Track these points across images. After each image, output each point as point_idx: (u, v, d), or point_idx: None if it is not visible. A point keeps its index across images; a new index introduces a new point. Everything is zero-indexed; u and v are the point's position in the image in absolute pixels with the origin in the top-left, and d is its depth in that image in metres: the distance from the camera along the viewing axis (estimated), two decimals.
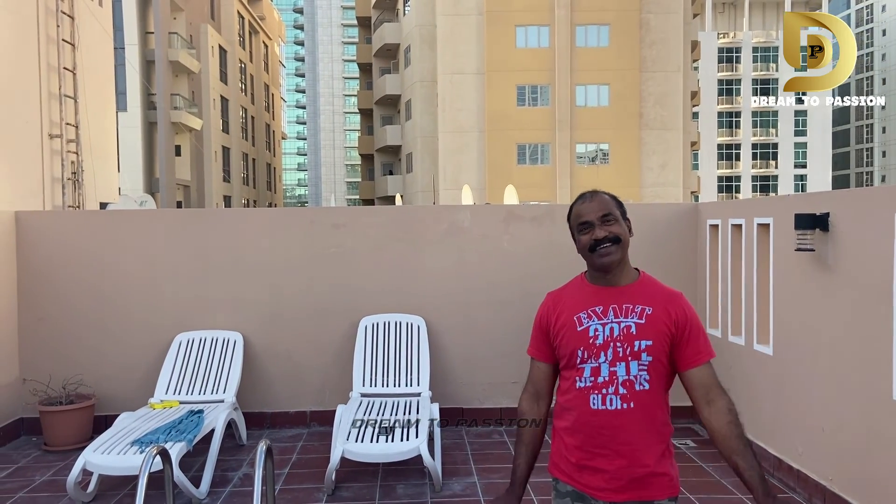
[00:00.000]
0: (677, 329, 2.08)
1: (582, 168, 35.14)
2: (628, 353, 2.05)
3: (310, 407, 5.87)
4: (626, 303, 2.10)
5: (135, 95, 32.49)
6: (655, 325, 2.06)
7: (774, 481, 4.48)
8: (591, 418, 2.07)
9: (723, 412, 2.04)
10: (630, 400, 2.04)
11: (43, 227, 5.79)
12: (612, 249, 2.08)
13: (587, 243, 2.10)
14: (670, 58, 34.71)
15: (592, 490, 2.09)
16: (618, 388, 2.05)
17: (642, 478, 2.05)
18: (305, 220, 5.95)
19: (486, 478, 4.68)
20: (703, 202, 5.91)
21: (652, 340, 2.05)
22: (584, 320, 2.11)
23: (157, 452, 3.14)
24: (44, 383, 5.54)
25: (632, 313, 2.08)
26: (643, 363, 2.05)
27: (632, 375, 2.05)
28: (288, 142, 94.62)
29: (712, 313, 5.55)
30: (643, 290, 2.13)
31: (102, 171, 13.78)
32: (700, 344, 2.09)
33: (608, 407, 2.05)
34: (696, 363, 2.08)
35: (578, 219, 2.13)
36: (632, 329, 2.06)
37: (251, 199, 48.20)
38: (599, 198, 2.14)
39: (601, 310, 2.10)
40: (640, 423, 2.05)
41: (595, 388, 2.06)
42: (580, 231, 2.13)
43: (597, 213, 2.10)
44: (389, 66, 42.97)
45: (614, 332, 2.06)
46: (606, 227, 2.08)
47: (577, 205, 2.16)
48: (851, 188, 4.13)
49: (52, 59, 11.54)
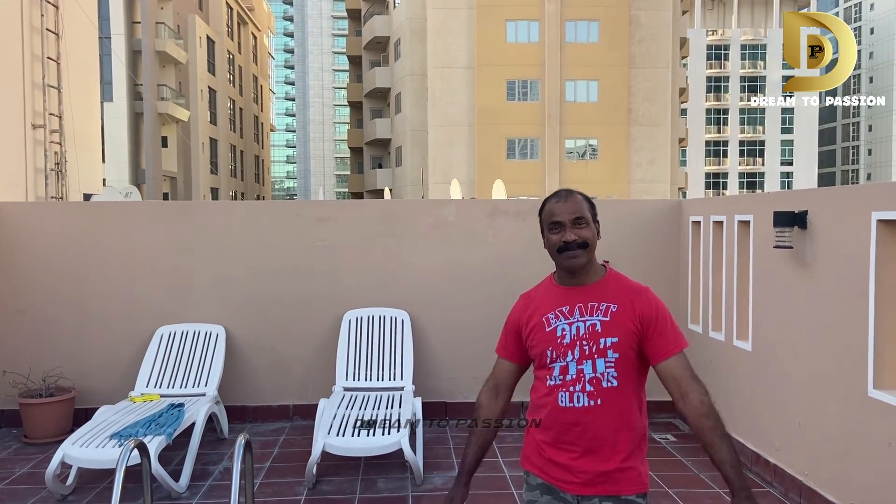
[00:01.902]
0: (643, 324, 2.09)
1: (571, 163, 35.24)
2: (594, 350, 2.08)
3: (293, 401, 5.87)
4: (591, 301, 2.13)
5: (121, 86, 32.17)
6: (621, 321, 2.09)
7: (752, 475, 4.52)
8: (559, 415, 2.11)
9: (695, 405, 2.04)
10: (597, 397, 2.07)
11: (24, 219, 5.74)
12: (578, 253, 2.10)
13: (556, 244, 2.12)
14: (659, 54, 34.83)
15: (561, 483, 2.13)
16: (584, 386, 2.08)
17: (609, 472, 2.09)
18: (290, 214, 5.93)
19: None
20: (687, 199, 5.94)
21: (618, 337, 2.07)
22: (552, 321, 2.14)
23: (135, 446, 3.14)
24: (24, 375, 5.50)
25: (597, 311, 2.11)
26: (610, 360, 2.08)
27: (598, 373, 2.08)
28: (277, 134, 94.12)
29: (694, 309, 5.59)
30: (609, 287, 2.15)
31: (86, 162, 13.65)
32: (668, 336, 2.10)
33: (575, 404, 2.09)
34: (665, 356, 2.09)
35: (550, 217, 2.14)
36: (597, 327, 2.09)
37: (239, 192, 47.95)
38: (573, 199, 2.15)
39: (567, 309, 2.13)
40: (609, 419, 2.08)
41: (563, 385, 2.10)
42: (550, 230, 2.14)
43: (569, 215, 2.11)
44: (379, 59, 42.84)
45: (580, 330, 2.10)
46: (577, 231, 2.10)
47: (551, 203, 2.16)
48: (830, 186, 4.16)
49: (35, 49, 11.41)
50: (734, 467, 1.98)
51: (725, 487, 4.29)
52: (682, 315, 5.73)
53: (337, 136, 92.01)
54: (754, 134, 61.25)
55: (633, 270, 2.51)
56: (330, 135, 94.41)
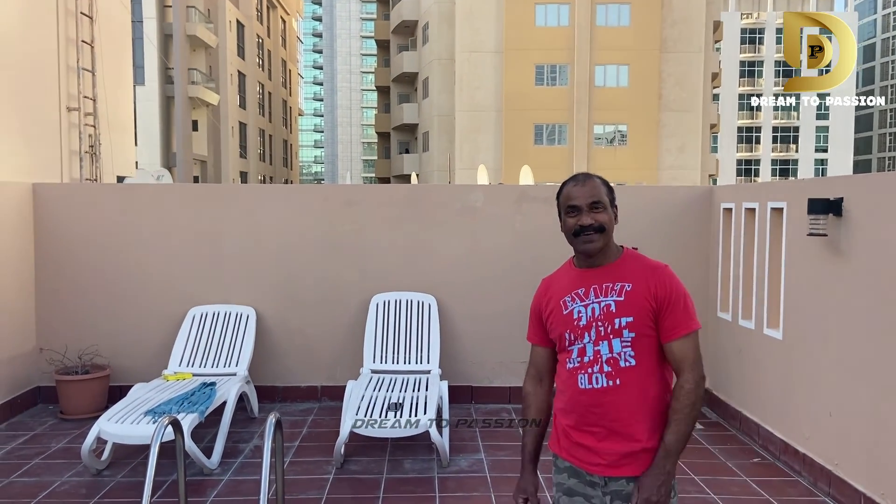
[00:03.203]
0: (657, 302, 2.09)
1: (599, 149, 34.89)
2: (609, 331, 2.09)
3: (321, 382, 5.95)
4: (606, 282, 2.13)
5: (153, 69, 32.54)
6: (635, 300, 2.08)
7: (781, 465, 4.49)
8: (580, 397, 2.13)
9: (676, 388, 2.09)
10: (616, 377, 2.08)
11: (60, 200, 5.86)
12: (594, 237, 2.10)
13: (572, 227, 2.13)
14: (692, 38, 34.21)
15: (587, 465, 2.14)
16: (602, 367, 2.09)
17: (635, 453, 2.08)
18: (319, 197, 5.98)
19: (492, 455, 4.73)
20: (718, 185, 5.87)
21: (633, 316, 2.07)
22: (568, 304, 2.16)
23: (169, 422, 3.21)
24: (60, 353, 5.64)
25: (611, 292, 2.11)
26: (626, 340, 2.08)
27: (615, 353, 2.08)
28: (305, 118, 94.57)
29: (724, 297, 5.54)
30: (624, 267, 2.15)
31: (119, 144, 13.87)
32: (678, 317, 2.09)
33: (594, 385, 2.10)
34: (673, 336, 2.09)
35: (568, 201, 2.14)
36: (611, 307, 2.09)
37: (267, 176, 48.34)
38: (591, 183, 2.15)
39: (583, 291, 2.15)
40: (629, 399, 2.08)
41: (582, 367, 2.12)
42: (567, 213, 2.15)
43: (587, 199, 2.12)
44: (407, 44, 42.70)
45: (595, 311, 2.11)
46: (594, 215, 2.10)
47: (569, 186, 2.17)
48: (867, 173, 4.08)
49: (70, 32, 11.59)
50: (666, 449, 2.04)
51: (753, 476, 4.29)
52: (712, 303, 5.67)
53: (364, 120, 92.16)
54: (788, 120, 60.02)
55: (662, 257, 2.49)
56: (357, 119, 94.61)
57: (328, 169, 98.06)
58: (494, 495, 4.10)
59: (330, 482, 4.28)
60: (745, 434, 5.06)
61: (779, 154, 60.42)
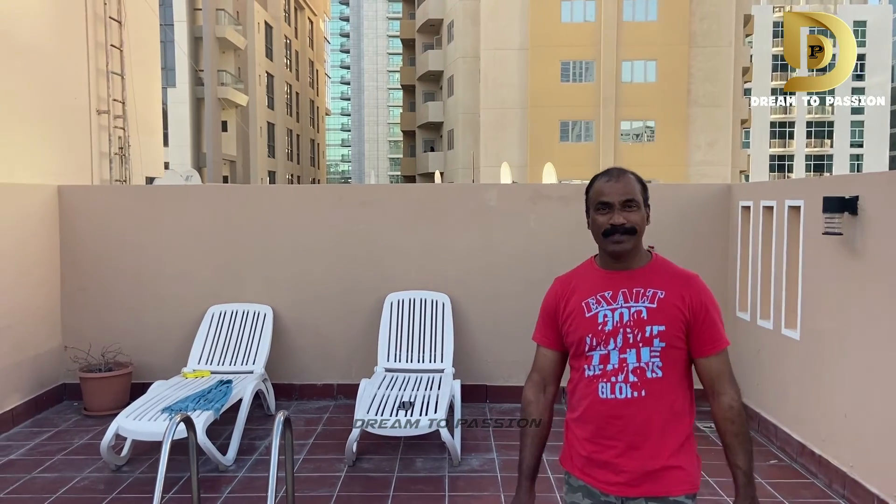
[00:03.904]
0: (692, 314, 1.96)
1: (626, 145, 34.55)
2: (639, 339, 1.94)
3: (337, 380, 6.00)
4: (636, 287, 1.99)
5: (183, 72, 33.08)
6: (668, 309, 1.95)
7: (797, 467, 4.43)
8: (600, 408, 1.97)
9: (724, 408, 1.99)
10: (641, 388, 1.94)
11: (84, 201, 6.00)
12: (625, 239, 1.96)
13: (602, 226, 1.97)
14: (721, 32, 33.67)
15: (604, 485, 1.99)
16: (627, 376, 1.95)
17: (656, 471, 1.95)
18: (334, 198, 6.03)
19: (504, 454, 4.74)
20: (736, 183, 5.79)
21: (665, 325, 1.94)
22: (592, 306, 2.00)
23: (181, 420, 3.29)
24: (84, 351, 5.78)
25: (643, 297, 1.97)
26: (655, 349, 1.94)
27: (643, 362, 1.94)
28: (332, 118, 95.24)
29: (742, 296, 5.46)
30: (656, 273, 2.02)
31: (148, 146, 14.12)
32: (714, 332, 1.99)
33: (617, 395, 1.95)
34: (708, 352, 1.98)
35: (599, 197, 1.98)
36: (643, 314, 1.95)
37: (295, 175, 48.82)
38: (625, 179, 1.98)
39: (610, 294, 1.99)
40: (653, 412, 1.95)
41: (604, 376, 1.97)
42: (597, 210, 1.99)
43: (619, 196, 1.95)
44: (433, 42, 42.75)
45: (624, 317, 1.96)
46: (626, 214, 1.95)
47: (601, 181, 1.99)
48: (882, 171, 4.00)
49: (99, 37, 11.83)
50: (747, 475, 1.96)
51: (768, 478, 4.22)
52: (731, 302, 5.60)
53: (391, 119, 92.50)
54: (823, 115, 58.79)
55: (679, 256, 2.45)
56: (384, 118, 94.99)
57: (355, 168, 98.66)
58: (504, 495, 4.11)
59: (341, 480, 4.32)
60: (763, 436, 4.99)
61: (813, 149, 59.20)
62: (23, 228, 5.51)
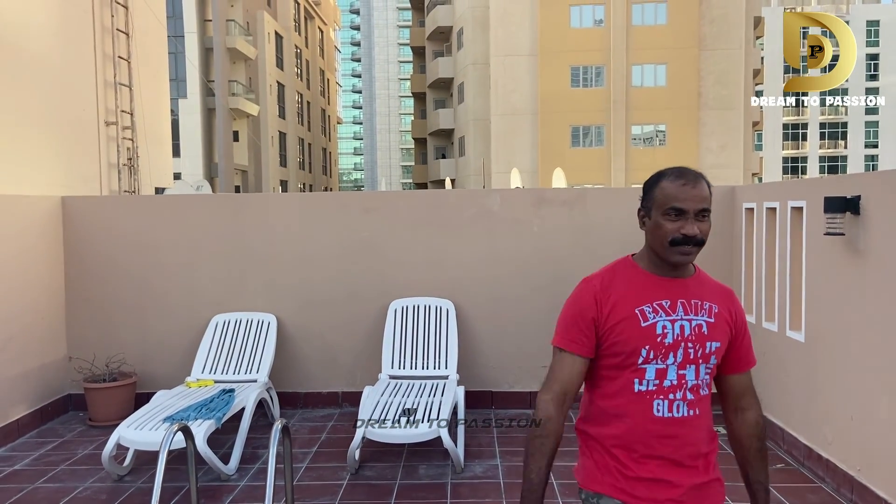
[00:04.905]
0: (736, 330, 1.91)
1: (637, 150, 34.43)
2: (699, 354, 1.83)
3: (341, 388, 5.99)
4: (693, 298, 1.87)
5: (195, 82, 33.38)
6: (721, 325, 1.88)
7: (804, 471, 4.35)
8: (650, 426, 1.83)
9: (751, 424, 1.96)
10: (695, 406, 1.85)
11: (88, 212, 6.04)
12: (694, 251, 1.82)
13: (671, 234, 1.80)
14: (731, 34, 33.54)
15: (650, 502, 1.86)
16: (686, 394, 1.83)
17: (703, 485, 1.88)
18: (338, 205, 6.03)
19: (508, 461, 4.69)
20: (740, 185, 5.73)
21: (720, 342, 1.86)
22: (648, 314, 1.83)
23: (179, 429, 3.28)
24: (89, 361, 5.80)
25: (701, 310, 1.86)
26: (709, 367, 1.86)
27: (699, 379, 1.85)
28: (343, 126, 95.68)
29: (747, 299, 5.40)
30: (704, 284, 1.92)
31: (157, 156, 14.23)
32: (750, 350, 1.96)
33: (675, 414, 1.83)
34: (741, 369, 1.95)
35: (672, 201, 1.80)
36: (703, 328, 1.84)
37: (307, 184, 49.03)
38: (702, 186, 1.81)
39: (668, 304, 1.84)
40: (702, 431, 1.88)
41: (660, 392, 1.83)
42: (667, 215, 1.81)
43: (696, 204, 1.79)
44: (443, 49, 42.89)
45: (685, 330, 1.83)
46: (700, 225, 1.79)
47: (675, 184, 1.81)
48: (884, 170, 3.94)
49: (107, 49, 11.95)
50: (766, 491, 1.97)
51: (775, 482, 4.15)
52: None
53: (402, 127, 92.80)
54: (836, 115, 58.30)
55: None
56: (396, 126, 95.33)
57: (368, 176, 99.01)
58: (507, 502, 4.07)
59: (343, 488, 4.30)
60: (770, 439, 4.91)
61: (827, 151, 58.71)
62: (26, 239, 5.55)
